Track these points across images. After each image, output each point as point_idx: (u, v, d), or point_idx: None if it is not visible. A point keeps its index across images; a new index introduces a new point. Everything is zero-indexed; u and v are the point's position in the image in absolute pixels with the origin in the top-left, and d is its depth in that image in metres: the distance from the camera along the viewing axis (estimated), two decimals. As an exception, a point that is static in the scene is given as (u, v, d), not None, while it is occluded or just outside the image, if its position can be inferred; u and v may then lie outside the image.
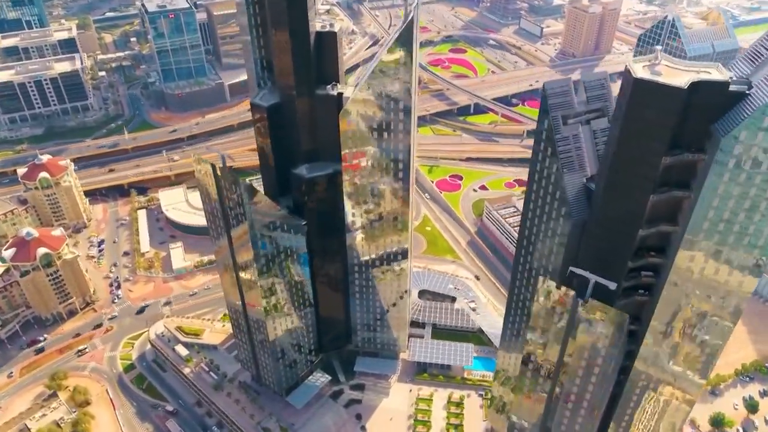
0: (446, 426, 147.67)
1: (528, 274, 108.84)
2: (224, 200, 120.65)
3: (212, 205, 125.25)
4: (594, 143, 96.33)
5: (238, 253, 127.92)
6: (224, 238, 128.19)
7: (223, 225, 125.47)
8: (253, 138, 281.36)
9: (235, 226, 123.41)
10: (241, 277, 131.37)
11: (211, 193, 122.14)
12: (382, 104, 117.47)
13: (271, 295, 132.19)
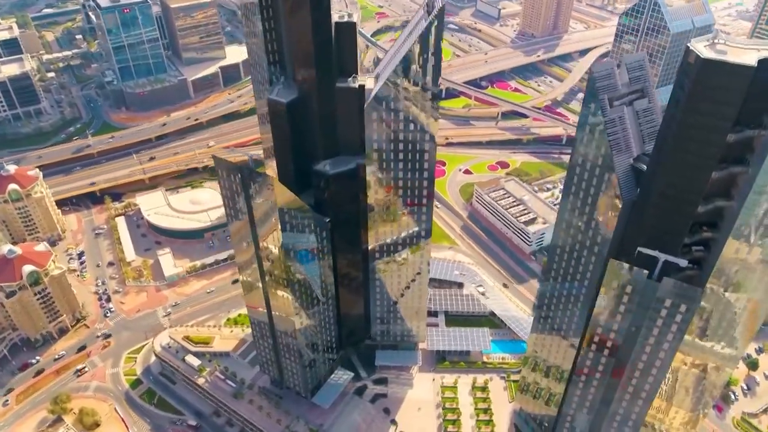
0: (475, 411, 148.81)
1: (568, 258, 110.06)
2: (251, 201, 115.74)
3: (236, 207, 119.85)
4: (638, 124, 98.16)
5: (264, 253, 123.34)
6: (249, 240, 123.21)
7: (249, 226, 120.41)
8: (227, 135, 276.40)
9: (262, 226, 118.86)
10: (268, 277, 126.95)
11: (237, 194, 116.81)
12: (410, 95, 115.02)
13: (299, 294, 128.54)
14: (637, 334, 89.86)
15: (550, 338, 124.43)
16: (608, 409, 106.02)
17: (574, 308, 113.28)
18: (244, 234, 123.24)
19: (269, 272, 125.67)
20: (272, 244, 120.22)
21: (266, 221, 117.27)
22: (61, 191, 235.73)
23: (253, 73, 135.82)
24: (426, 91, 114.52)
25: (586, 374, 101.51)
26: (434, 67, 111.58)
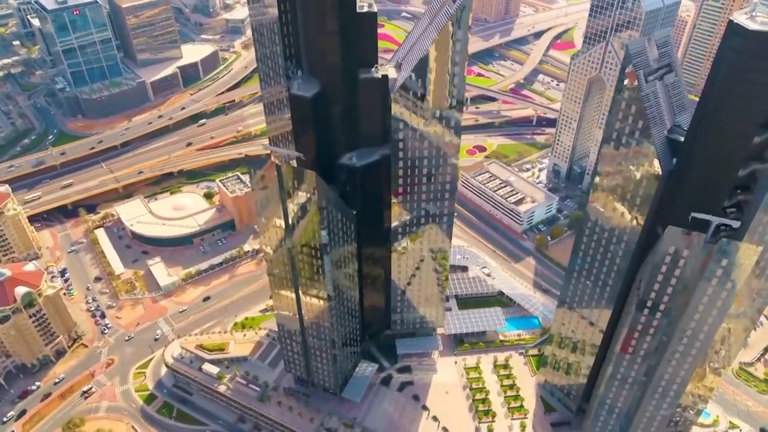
0: (501, 388, 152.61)
1: (600, 232, 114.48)
2: (287, 197, 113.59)
3: (270, 204, 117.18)
4: (668, 97, 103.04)
5: (297, 249, 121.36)
6: (282, 236, 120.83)
7: (284, 222, 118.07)
8: (198, 137, 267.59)
9: (297, 222, 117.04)
10: (300, 273, 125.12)
11: (271, 191, 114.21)
12: (436, 83, 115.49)
13: (330, 288, 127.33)
14: (691, 295, 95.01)
15: (579, 312, 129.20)
16: (652, 376, 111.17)
17: (607, 279, 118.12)
18: (277, 230, 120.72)
19: (301, 268, 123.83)
20: (307, 239, 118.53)
21: (302, 217, 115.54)
22: (30, 207, 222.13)
23: (260, 66, 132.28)
24: (453, 77, 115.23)
25: (634, 340, 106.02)
26: (461, 52, 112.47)
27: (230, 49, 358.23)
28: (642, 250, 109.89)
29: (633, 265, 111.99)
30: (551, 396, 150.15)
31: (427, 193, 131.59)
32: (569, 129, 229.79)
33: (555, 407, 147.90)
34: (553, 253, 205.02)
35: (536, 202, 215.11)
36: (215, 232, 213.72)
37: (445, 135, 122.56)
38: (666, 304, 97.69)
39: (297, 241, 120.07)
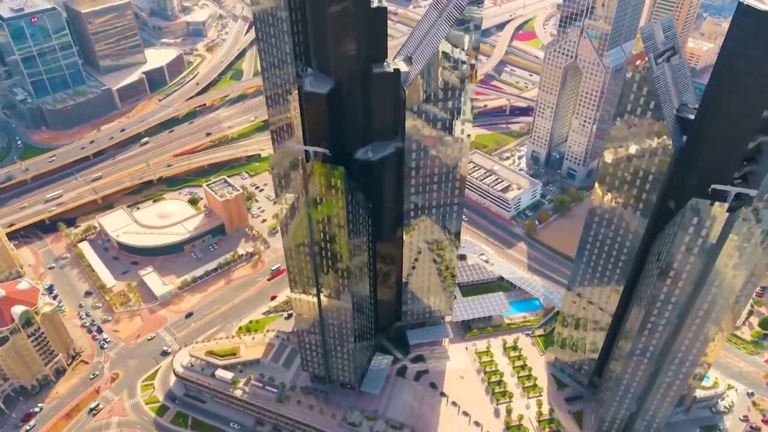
0: (513, 369, 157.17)
1: (611, 211, 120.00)
2: (310, 193, 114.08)
3: (292, 200, 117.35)
4: (674, 78, 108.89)
5: (320, 245, 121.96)
6: (306, 232, 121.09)
7: (307, 219, 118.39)
8: (175, 143, 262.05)
9: (323, 219, 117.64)
10: (322, 270, 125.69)
11: (295, 187, 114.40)
12: (447, 75, 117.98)
13: (351, 283, 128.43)
14: (712, 263, 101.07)
15: (591, 290, 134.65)
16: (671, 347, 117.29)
17: (619, 255, 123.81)
18: (300, 227, 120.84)
19: (324, 263, 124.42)
20: (332, 234, 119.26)
21: (328, 212, 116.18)
22: (3, 224, 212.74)
23: (263, 59, 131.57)
24: (464, 66, 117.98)
25: (655, 313, 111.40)
26: (475, 41, 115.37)
27: (194, 52, 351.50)
28: (653, 225, 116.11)
29: (645, 241, 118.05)
30: (562, 373, 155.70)
31: (438, 183, 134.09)
32: (546, 116, 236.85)
33: (567, 383, 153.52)
34: (542, 237, 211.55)
35: (522, 189, 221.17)
36: (205, 237, 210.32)
37: (454, 124, 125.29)
38: (688, 273, 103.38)
39: (321, 237, 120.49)
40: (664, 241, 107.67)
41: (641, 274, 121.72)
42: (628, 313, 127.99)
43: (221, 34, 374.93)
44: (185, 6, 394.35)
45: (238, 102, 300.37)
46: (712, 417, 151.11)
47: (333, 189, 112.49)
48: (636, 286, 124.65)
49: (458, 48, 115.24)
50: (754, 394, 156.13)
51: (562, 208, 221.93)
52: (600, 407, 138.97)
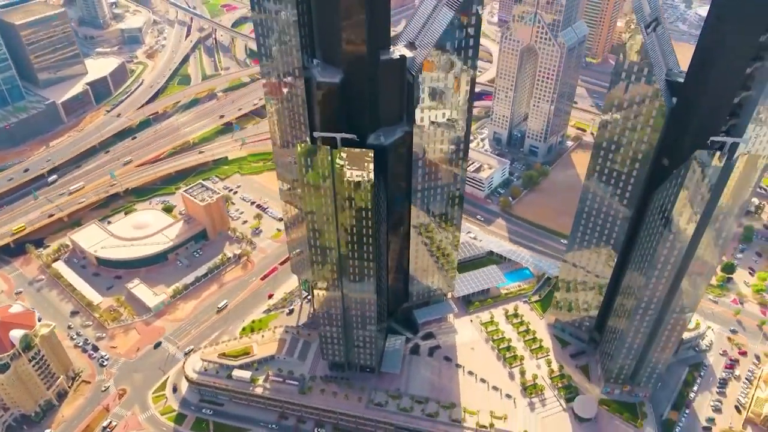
0: (519, 334, 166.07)
1: (609, 173, 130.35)
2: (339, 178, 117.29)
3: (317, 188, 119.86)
4: (661, 46, 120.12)
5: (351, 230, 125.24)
6: (330, 219, 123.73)
7: (333, 205, 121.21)
8: (136, 151, 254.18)
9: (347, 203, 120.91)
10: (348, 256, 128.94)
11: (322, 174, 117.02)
12: (452, 58, 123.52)
13: (373, 266, 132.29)
14: (711, 208, 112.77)
15: (590, 250, 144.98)
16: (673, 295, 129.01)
17: (617, 213, 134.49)
18: (324, 213, 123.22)
19: (349, 247, 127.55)
20: (357, 218, 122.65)
21: (352, 197, 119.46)
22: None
23: (260, 52, 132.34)
24: (468, 50, 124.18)
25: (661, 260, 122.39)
26: (476, 26, 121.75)
27: (134, 60, 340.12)
28: (648, 185, 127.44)
29: (640, 201, 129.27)
30: (563, 332, 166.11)
31: (443, 162, 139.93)
32: (506, 98, 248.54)
33: (569, 341, 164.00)
34: (517, 212, 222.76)
35: (493, 168, 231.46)
36: (188, 244, 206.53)
37: (458, 107, 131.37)
38: (691, 219, 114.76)
39: (347, 222, 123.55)
40: (666, 194, 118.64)
41: (639, 232, 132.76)
42: (625, 271, 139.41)
43: (159, 40, 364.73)
44: (116, 13, 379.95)
45: (191, 107, 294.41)
46: (696, 356, 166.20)
47: (362, 172, 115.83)
48: (633, 245, 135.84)
49: (461, 31, 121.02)
50: (736, 332, 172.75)
51: (531, 183, 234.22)
52: (606, 360, 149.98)
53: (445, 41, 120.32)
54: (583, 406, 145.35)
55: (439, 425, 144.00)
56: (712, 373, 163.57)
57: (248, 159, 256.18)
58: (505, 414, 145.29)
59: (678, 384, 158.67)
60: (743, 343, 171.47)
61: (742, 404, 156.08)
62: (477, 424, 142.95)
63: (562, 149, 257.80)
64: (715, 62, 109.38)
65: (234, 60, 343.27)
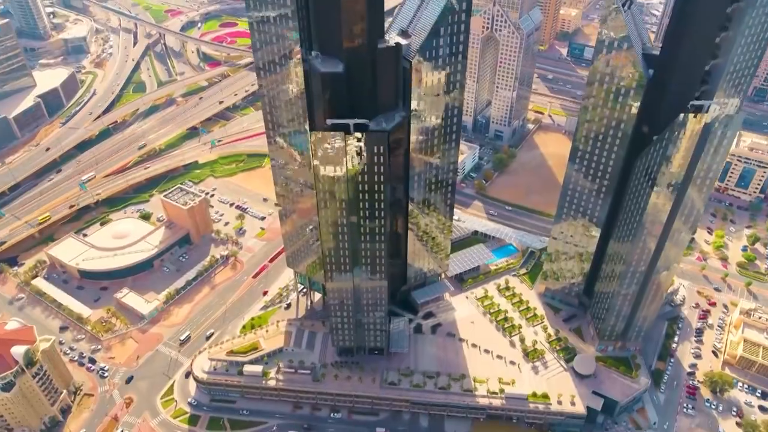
0: (513, 305, 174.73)
1: (593, 141, 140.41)
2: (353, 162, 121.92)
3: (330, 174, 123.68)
4: (636, 23, 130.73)
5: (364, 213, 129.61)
6: (344, 204, 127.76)
7: (346, 188, 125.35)
8: (105, 161, 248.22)
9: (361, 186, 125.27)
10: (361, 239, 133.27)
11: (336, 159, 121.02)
12: (446, 43, 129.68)
13: (384, 249, 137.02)
14: (694, 165, 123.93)
15: (577, 219, 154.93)
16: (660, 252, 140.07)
17: (602, 183, 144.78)
18: (338, 197, 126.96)
19: (361, 231, 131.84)
20: (370, 200, 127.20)
21: (365, 179, 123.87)
22: None
23: (258, 50, 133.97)
24: (458, 35, 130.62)
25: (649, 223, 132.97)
26: (467, 11, 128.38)
27: (82, 70, 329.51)
28: (629, 153, 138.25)
29: (628, 159, 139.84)
30: (553, 300, 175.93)
31: (438, 146, 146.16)
32: (469, 87, 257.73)
33: (560, 308, 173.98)
34: (492, 193, 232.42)
35: (464, 154, 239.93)
36: (173, 250, 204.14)
37: (451, 90, 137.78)
38: (676, 179, 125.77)
39: (361, 207, 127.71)
40: (651, 157, 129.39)
41: (623, 199, 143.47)
42: (611, 238, 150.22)
43: (105, 48, 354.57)
44: (56, 23, 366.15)
45: (151, 114, 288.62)
46: (672, 310, 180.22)
47: (376, 156, 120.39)
48: (617, 213, 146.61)
49: (453, 16, 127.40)
50: (720, 290, 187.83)
51: (501, 165, 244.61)
52: (599, 321, 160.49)
53: (439, 27, 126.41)
54: (582, 364, 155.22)
55: (453, 396, 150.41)
56: (689, 325, 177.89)
57: (219, 162, 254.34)
58: (513, 379, 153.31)
59: (660, 337, 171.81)
60: (711, 295, 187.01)
61: (718, 349, 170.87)
62: (488, 391, 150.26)
63: (525, 132, 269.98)
64: (687, 34, 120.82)
65: (188, 65, 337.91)
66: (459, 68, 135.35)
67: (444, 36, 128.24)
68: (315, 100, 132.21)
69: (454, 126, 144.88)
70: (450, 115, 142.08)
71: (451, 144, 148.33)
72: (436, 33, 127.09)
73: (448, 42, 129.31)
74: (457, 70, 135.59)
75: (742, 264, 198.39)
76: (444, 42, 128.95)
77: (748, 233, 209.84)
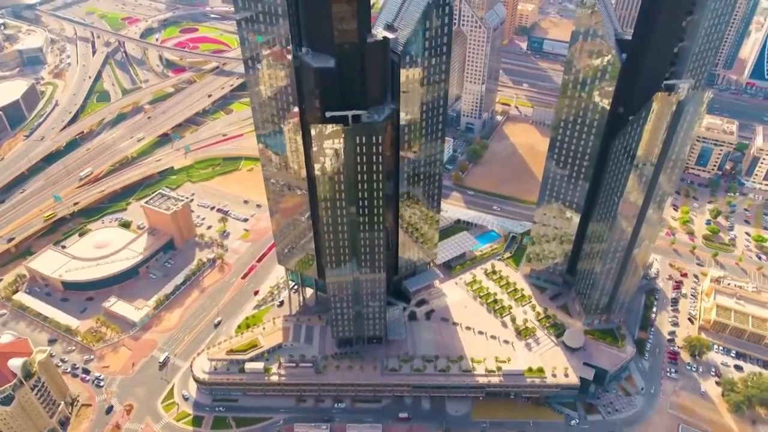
0: (501, 288, 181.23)
1: (572, 125, 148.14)
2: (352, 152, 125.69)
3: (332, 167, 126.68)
4: (607, 11, 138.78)
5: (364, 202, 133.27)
6: (342, 195, 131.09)
7: (353, 181, 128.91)
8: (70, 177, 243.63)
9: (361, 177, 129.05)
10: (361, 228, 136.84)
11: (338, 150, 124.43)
12: (431, 35, 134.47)
13: (384, 242, 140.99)
14: (670, 141, 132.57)
15: (557, 206, 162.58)
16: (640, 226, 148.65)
17: (582, 160, 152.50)
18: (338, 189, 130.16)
19: (363, 222, 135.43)
20: (370, 190, 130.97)
21: (365, 170, 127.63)
22: None
23: (247, 49, 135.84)
24: (444, 27, 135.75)
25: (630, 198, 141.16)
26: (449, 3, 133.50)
27: (41, 81, 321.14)
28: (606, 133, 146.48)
29: (604, 141, 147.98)
30: (538, 280, 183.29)
31: (426, 136, 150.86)
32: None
33: (545, 287, 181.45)
34: (469, 183, 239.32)
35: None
36: (158, 256, 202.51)
37: (438, 81, 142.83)
38: (653, 154, 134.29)
39: (360, 194, 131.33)
40: (629, 135, 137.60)
41: (602, 180, 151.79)
42: (591, 217, 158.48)
43: (63, 58, 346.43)
44: (8, 34, 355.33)
45: (118, 123, 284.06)
46: (648, 283, 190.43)
47: (374, 146, 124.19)
48: (596, 194, 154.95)
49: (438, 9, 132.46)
50: (690, 262, 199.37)
51: (475, 156, 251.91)
52: (584, 297, 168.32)
53: (425, 20, 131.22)
54: (572, 338, 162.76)
55: (453, 377, 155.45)
56: (665, 296, 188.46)
57: (195, 166, 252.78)
58: (508, 357, 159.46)
59: (640, 309, 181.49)
60: (682, 266, 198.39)
61: (693, 316, 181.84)
62: (486, 369, 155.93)
63: (494, 123, 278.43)
64: (657, 19, 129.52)
65: (152, 72, 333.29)
66: (444, 60, 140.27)
67: (429, 29, 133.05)
68: (307, 95, 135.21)
69: (440, 117, 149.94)
70: (436, 106, 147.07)
71: (438, 135, 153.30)
72: (422, 26, 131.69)
73: (434, 35, 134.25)
74: (442, 62, 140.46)
75: (708, 236, 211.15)
76: (430, 35, 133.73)
77: (710, 208, 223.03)
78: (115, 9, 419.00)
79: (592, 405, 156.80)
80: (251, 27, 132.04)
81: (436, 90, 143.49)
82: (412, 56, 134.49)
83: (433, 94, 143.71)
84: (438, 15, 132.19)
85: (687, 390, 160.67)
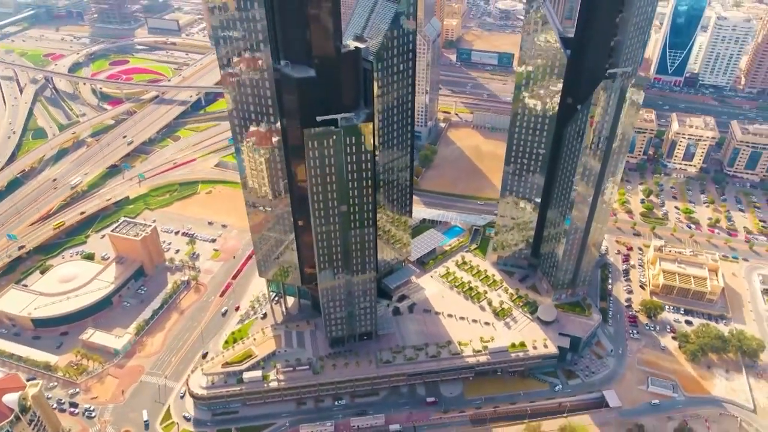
0: (473, 276, 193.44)
1: (527, 119, 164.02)
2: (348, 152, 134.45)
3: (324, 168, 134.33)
4: (551, 14, 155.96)
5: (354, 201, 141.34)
6: (336, 194, 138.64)
7: (347, 183, 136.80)
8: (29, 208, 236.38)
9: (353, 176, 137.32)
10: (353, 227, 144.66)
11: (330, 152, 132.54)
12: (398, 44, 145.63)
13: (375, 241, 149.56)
14: (616, 123, 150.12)
15: (518, 197, 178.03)
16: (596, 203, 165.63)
17: (538, 153, 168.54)
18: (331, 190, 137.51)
19: (354, 221, 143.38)
20: (360, 189, 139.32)
21: (355, 170, 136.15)
22: None
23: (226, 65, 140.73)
24: (409, 35, 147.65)
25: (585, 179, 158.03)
26: (414, 14, 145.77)
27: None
28: (558, 122, 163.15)
29: (557, 133, 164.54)
30: (506, 266, 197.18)
31: (397, 138, 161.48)
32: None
33: (513, 271, 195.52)
34: (425, 186, 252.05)
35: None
36: (129, 284, 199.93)
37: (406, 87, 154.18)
38: (603, 135, 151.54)
39: (352, 195, 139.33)
40: (580, 121, 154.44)
41: (557, 165, 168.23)
42: (550, 204, 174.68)
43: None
44: None
45: (62, 157, 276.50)
46: (601, 258, 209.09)
47: (363, 146, 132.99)
48: (552, 181, 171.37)
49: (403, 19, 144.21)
50: (647, 245, 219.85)
51: (427, 161, 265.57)
52: (551, 275, 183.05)
53: (392, 30, 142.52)
54: (545, 313, 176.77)
55: (444, 361, 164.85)
56: (617, 269, 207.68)
57: (151, 194, 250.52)
58: (492, 336, 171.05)
59: (597, 282, 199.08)
60: (627, 241, 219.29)
61: (643, 283, 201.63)
62: (473, 350, 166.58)
63: (439, 130, 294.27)
64: (594, 17, 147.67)
65: (87, 105, 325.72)
66: (410, 66, 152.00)
67: (396, 38, 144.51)
68: (286, 104, 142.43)
69: (409, 120, 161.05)
70: (405, 109, 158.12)
71: (407, 141, 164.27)
72: (389, 36, 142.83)
73: (402, 42, 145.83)
74: (409, 67, 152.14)
75: (644, 213, 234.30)
76: (396, 44, 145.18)
77: (642, 188, 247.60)
78: (36, 46, 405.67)
79: (571, 371, 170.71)
80: (231, 42, 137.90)
81: (404, 93, 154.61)
82: (383, 63, 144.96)
83: (403, 97, 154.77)
84: (402, 26, 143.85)
85: (649, 347, 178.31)
